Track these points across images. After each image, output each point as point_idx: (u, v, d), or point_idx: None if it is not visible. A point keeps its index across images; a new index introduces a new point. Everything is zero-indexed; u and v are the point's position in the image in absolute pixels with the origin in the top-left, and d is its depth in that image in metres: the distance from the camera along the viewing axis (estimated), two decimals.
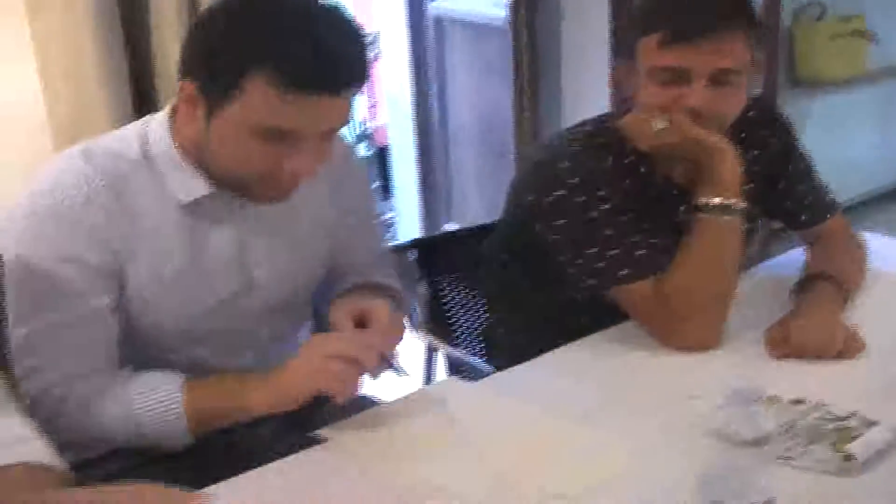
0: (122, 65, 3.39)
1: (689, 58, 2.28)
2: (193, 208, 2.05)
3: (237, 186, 2.03)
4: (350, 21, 1.95)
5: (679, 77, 2.31)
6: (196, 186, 2.04)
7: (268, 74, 1.83)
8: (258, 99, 1.86)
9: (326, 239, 2.31)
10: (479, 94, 5.67)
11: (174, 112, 2.06)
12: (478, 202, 5.94)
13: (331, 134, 2.00)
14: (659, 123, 2.34)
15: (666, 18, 2.32)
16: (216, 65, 1.89)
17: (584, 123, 2.56)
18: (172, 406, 1.99)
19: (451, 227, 5.97)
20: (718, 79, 2.30)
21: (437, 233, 5.44)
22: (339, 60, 1.89)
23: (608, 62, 4.71)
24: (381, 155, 6.87)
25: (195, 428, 2.01)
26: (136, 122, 2.12)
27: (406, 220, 6.37)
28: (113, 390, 1.99)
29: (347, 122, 2.02)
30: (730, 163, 2.36)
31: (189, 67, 1.94)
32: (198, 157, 2.02)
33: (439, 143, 6.03)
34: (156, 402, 1.99)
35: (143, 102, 3.50)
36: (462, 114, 5.83)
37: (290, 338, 2.39)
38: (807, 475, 1.80)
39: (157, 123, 2.06)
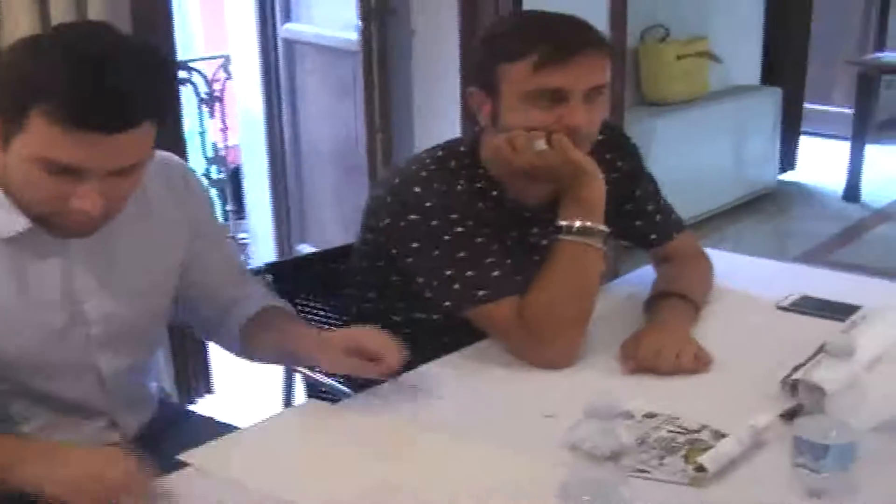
0: None
1: (567, 78, 2.33)
2: (17, 242, 2.03)
3: (37, 220, 2.00)
4: (150, 56, 1.96)
5: (556, 98, 2.35)
6: (15, 221, 2.01)
7: (48, 110, 1.83)
8: (41, 133, 1.85)
9: (176, 263, 2.31)
10: (332, 116, 5.68)
11: None
12: (332, 223, 5.94)
13: (125, 170, 1.96)
14: (540, 144, 2.37)
15: (535, 42, 2.35)
16: (6, 96, 1.88)
17: (435, 148, 2.59)
18: None
19: (305, 248, 5.96)
20: (591, 97, 2.36)
21: (290, 256, 5.44)
22: (124, 98, 1.87)
23: (459, 82, 4.75)
24: (234, 176, 6.82)
25: None
26: None
27: (260, 241, 6.35)
28: None
29: (144, 157, 1.99)
30: (597, 186, 2.42)
31: None
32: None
33: (292, 164, 6.01)
34: None
35: None
36: (315, 135, 5.83)
37: (138, 366, 2.36)
38: (662, 487, 1.86)
39: None
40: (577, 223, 2.40)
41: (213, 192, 6.50)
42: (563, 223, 2.42)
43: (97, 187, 1.92)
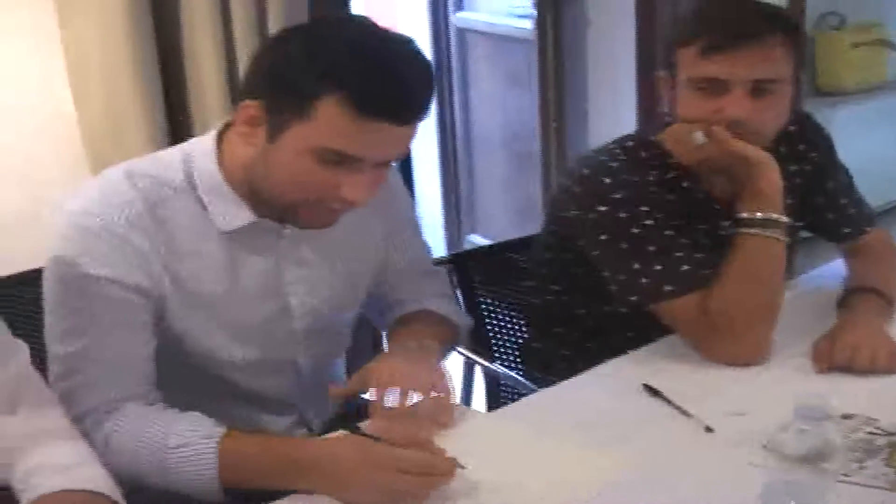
0: (153, 68, 3.38)
1: (728, 67, 2.27)
2: (233, 236, 2.06)
3: (285, 211, 2.03)
4: (420, 53, 1.97)
5: (718, 88, 2.30)
6: (239, 216, 2.05)
7: (342, 98, 1.84)
8: (329, 121, 1.86)
9: (372, 262, 2.33)
10: (504, 105, 5.68)
11: (220, 139, 2.07)
12: (502, 214, 5.93)
13: (388, 163, 2.01)
14: (699, 137, 2.33)
15: (704, 28, 2.31)
16: (289, 84, 1.89)
17: (626, 138, 2.56)
18: (206, 467, 1.90)
19: (475, 238, 5.97)
20: (759, 89, 2.29)
21: (461, 247, 5.45)
22: (412, 91, 1.91)
23: (635, 73, 4.70)
24: (404, 165, 6.85)
25: (229, 487, 1.93)
26: (180, 146, 2.13)
27: (429, 231, 6.36)
28: (148, 430, 1.94)
29: (407, 152, 2.03)
30: (771, 176, 2.35)
31: (255, 86, 1.95)
32: (247, 182, 2.02)
33: (463, 153, 6.03)
34: (188, 460, 1.91)
35: (174, 110, 3.49)
36: (486, 124, 5.83)
37: (328, 364, 2.41)
38: (863, 492, 1.80)
39: (201, 151, 2.06)
40: (757, 215, 2.35)
41: None
42: (743, 216, 2.36)
43: (368, 177, 1.95)
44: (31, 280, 2.39)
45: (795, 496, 1.51)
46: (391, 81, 1.88)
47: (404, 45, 1.95)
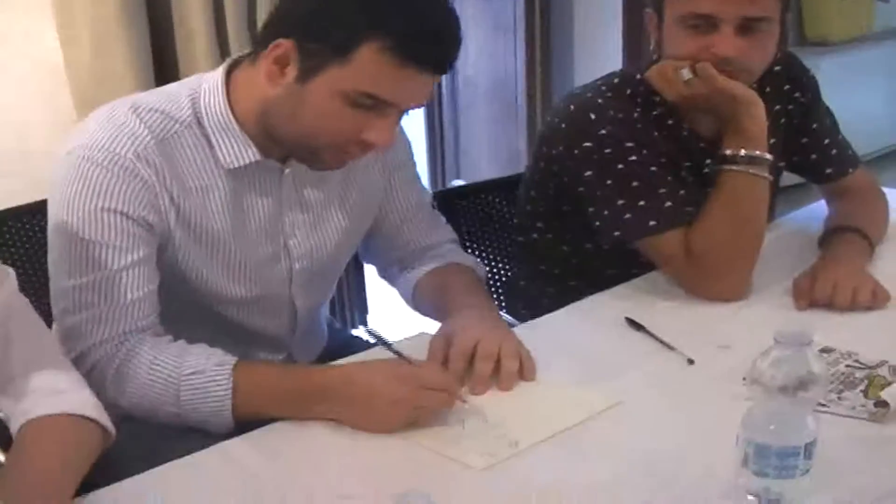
0: (141, 14, 3.38)
1: (717, 4, 2.27)
2: (238, 174, 2.05)
3: (301, 151, 2.03)
4: (452, 5, 1.96)
5: (707, 25, 2.30)
6: (245, 153, 2.03)
7: (385, 43, 1.83)
8: (369, 65, 1.85)
9: (373, 203, 2.33)
10: (490, 53, 5.67)
11: (228, 75, 2.05)
12: (486, 160, 5.94)
13: (411, 110, 2.01)
14: (685, 74, 2.33)
15: None
16: (330, 26, 1.87)
17: (612, 75, 2.56)
18: (219, 394, 1.91)
19: (458, 184, 5.97)
20: (747, 27, 2.30)
21: (448, 186, 5.44)
22: (450, 42, 1.92)
23: (621, 16, 4.70)
24: None
25: (240, 418, 1.93)
26: (186, 80, 2.11)
27: None
28: (161, 360, 1.94)
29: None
30: (756, 114, 2.36)
31: (290, 26, 1.92)
32: (259, 120, 2.01)
33: (448, 100, 6.02)
34: (202, 387, 1.92)
35: (160, 55, 3.50)
36: (471, 71, 5.82)
37: (319, 305, 2.43)
38: (841, 421, 1.83)
39: (209, 87, 2.04)
40: (742, 152, 2.36)
41: None
42: (727, 153, 2.38)
43: (393, 123, 1.96)
44: (20, 215, 2.43)
45: (775, 422, 1.53)
46: (433, 32, 1.88)
47: None
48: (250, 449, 1.83)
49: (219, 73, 2.05)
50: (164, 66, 3.49)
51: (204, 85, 2.05)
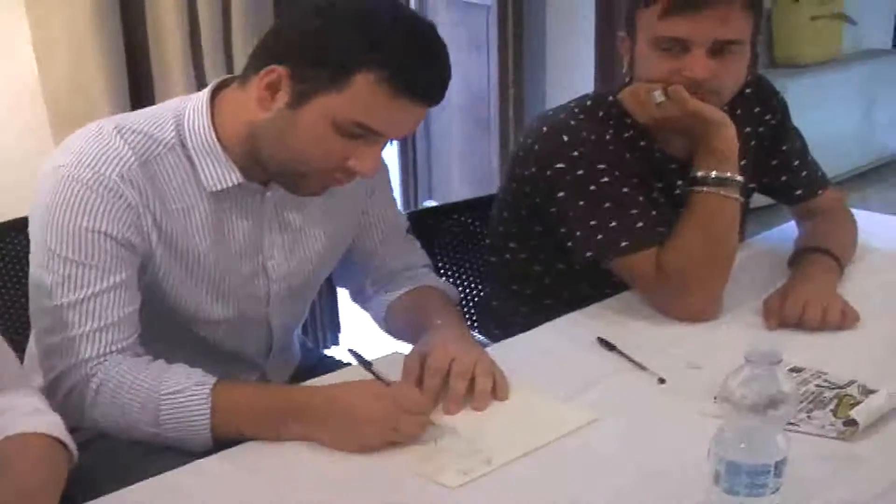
0: (117, 37, 3.40)
1: (689, 28, 2.29)
2: (220, 196, 2.06)
3: (284, 176, 2.04)
4: (438, 33, 1.99)
5: (679, 48, 2.32)
6: (228, 176, 2.04)
7: (381, 74, 1.85)
8: (363, 95, 1.87)
9: (352, 225, 2.35)
10: (463, 70, 5.68)
11: (213, 97, 2.06)
12: (459, 179, 5.95)
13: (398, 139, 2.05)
14: (657, 96, 2.36)
15: None
16: (326, 53, 1.88)
17: (585, 97, 2.59)
18: (198, 413, 1.92)
19: (430, 204, 5.97)
20: (718, 50, 2.32)
21: (421, 207, 5.46)
22: (444, 75, 1.95)
23: (594, 36, 4.73)
24: None
25: (219, 437, 1.94)
26: (170, 102, 2.12)
27: None
28: (141, 379, 1.94)
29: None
30: (727, 135, 2.38)
31: (284, 51, 1.93)
32: (244, 143, 2.02)
33: None
34: (182, 406, 1.93)
35: (136, 78, 3.52)
36: None
37: (294, 325, 2.45)
38: (810, 440, 1.85)
39: (193, 109, 2.05)
40: (713, 174, 2.38)
41: None
42: (699, 174, 2.40)
43: (378, 152, 1.99)
44: None
45: (746, 440, 1.55)
46: (427, 64, 1.91)
47: (434, 29, 1.97)
48: (226, 466, 1.83)
49: (204, 95, 2.06)
50: (139, 81, 3.52)
51: (189, 107, 2.05)
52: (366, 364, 2.05)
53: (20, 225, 2.28)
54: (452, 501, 1.72)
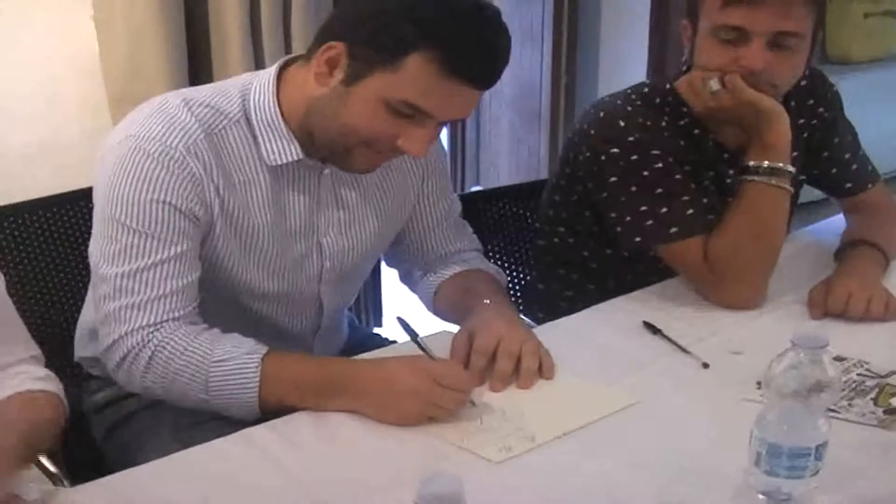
0: (177, 11, 3.43)
1: (750, 18, 2.29)
2: (280, 171, 2.10)
3: (336, 152, 2.06)
4: (505, 24, 2.00)
5: (738, 37, 2.32)
6: (288, 150, 2.07)
7: (434, 56, 1.88)
8: (415, 76, 1.89)
9: (406, 207, 2.37)
10: (516, 60, 5.68)
11: (280, 73, 2.09)
12: (507, 168, 5.95)
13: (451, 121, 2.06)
14: (714, 85, 2.36)
15: None
16: (381, 33, 1.91)
17: (641, 84, 2.60)
18: (247, 381, 1.95)
19: (477, 189, 5.99)
20: (777, 42, 2.32)
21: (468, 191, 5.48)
22: (498, 59, 1.96)
23: (648, 27, 4.71)
24: None
25: (266, 406, 1.97)
26: (238, 77, 2.15)
27: None
28: (194, 346, 1.98)
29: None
30: (781, 127, 2.39)
31: (343, 29, 1.96)
32: (303, 119, 2.05)
33: None
34: (231, 374, 1.96)
35: (195, 53, 3.54)
36: None
37: (343, 305, 2.48)
38: (850, 427, 1.87)
39: (260, 84, 2.08)
40: (765, 163, 2.40)
41: None
42: (751, 163, 2.41)
43: (429, 133, 2.00)
44: (53, 204, 2.47)
45: (788, 423, 1.56)
46: (482, 48, 1.92)
47: (495, 14, 1.98)
48: (273, 436, 1.86)
49: (271, 72, 2.09)
50: (198, 62, 3.54)
51: (256, 82, 2.09)
52: (412, 334, 2.08)
53: (77, 196, 2.32)
54: (494, 475, 1.74)
